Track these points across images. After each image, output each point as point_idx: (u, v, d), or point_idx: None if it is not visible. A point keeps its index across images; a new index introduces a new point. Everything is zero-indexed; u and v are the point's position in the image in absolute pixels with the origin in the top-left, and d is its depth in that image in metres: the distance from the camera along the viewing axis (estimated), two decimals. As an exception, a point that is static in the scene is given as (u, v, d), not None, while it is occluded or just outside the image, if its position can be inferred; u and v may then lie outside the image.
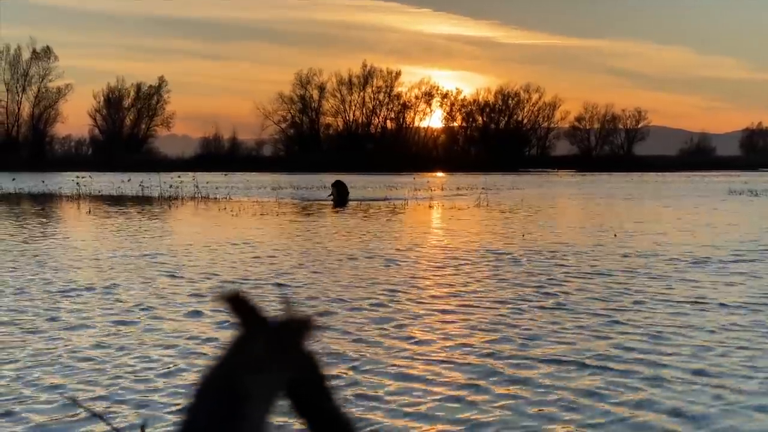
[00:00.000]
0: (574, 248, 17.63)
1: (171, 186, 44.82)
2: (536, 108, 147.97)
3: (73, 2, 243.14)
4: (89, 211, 30.81)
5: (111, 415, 6.17)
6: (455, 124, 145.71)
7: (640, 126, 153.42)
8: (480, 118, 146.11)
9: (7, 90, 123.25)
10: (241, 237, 20.39)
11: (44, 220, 26.55)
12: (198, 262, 15.31)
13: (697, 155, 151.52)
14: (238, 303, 0.90)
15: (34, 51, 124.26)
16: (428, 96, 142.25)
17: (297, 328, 0.93)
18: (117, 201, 38.10)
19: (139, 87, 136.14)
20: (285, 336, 0.92)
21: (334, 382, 0.99)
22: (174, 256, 16.26)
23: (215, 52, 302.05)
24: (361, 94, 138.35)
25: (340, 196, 34.46)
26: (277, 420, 0.93)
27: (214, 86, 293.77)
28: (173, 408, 6.45)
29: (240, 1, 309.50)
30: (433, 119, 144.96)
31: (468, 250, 17.59)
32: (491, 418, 6.31)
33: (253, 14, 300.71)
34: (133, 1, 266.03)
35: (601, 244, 18.43)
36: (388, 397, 6.79)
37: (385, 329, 9.38)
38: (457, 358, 8.06)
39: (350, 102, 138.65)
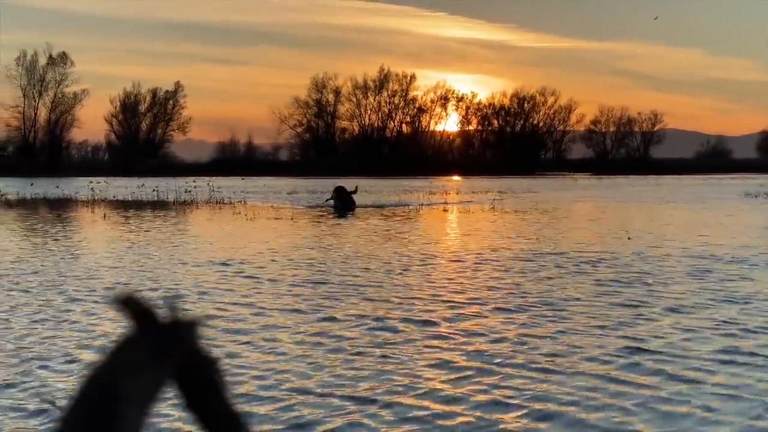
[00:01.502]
0: (598, 252, 17.59)
1: (186, 191, 44.94)
2: (552, 111, 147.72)
3: (89, 8, 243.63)
4: (104, 216, 30.91)
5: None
6: (471, 127, 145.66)
7: (655, 129, 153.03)
8: (495, 122, 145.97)
9: (24, 95, 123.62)
10: (252, 245, 20.41)
11: (59, 225, 26.63)
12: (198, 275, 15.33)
13: (713, 158, 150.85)
14: (130, 305, 0.89)
15: (50, 56, 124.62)
16: (444, 100, 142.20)
17: (181, 329, 0.92)
18: (132, 206, 38.19)
19: (155, 92, 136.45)
20: (168, 337, 0.91)
21: (226, 380, 1.00)
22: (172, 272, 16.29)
23: (231, 57, 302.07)
24: (377, 98, 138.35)
25: (342, 203, 34.07)
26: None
27: (230, 91, 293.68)
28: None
29: (256, 6, 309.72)
30: (449, 123, 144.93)
31: (477, 252, 17.58)
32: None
33: (269, 19, 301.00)
34: (149, 7, 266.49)
35: (616, 249, 18.37)
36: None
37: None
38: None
39: (366, 106, 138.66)
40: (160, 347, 0.90)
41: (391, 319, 10.19)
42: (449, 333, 9.45)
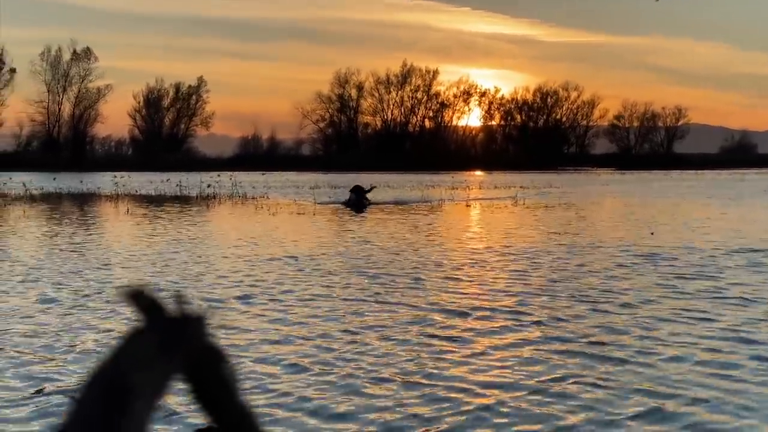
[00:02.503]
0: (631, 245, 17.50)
1: (209, 185, 45.08)
2: (575, 106, 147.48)
3: (113, 3, 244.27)
4: (127, 211, 31.01)
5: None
6: (494, 122, 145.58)
7: (680, 124, 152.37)
8: (518, 117, 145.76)
9: (48, 91, 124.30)
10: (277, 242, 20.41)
11: (82, 219, 26.72)
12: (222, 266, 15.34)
13: (738, 153, 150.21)
14: (140, 299, 0.89)
15: (74, 52, 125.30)
16: (467, 95, 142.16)
17: (190, 323, 0.92)
18: (155, 201, 38.31)
19: (178, 87, 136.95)
20: (177, 332, 0.91)
21: (237, 376, 0.98)
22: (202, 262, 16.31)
23: (254, 52, 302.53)
24: (400, 93, 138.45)
25: (356, 200, 33.82)
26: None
27: (253, 86, 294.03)
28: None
29: (279, 1, 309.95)
30: (472, 118, 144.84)
31: (499, 249, 17.51)
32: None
33: (291, 14, 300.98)
34: (173, 2, 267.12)
35: (637, 242, 18.26)
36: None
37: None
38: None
39: (388, 101, 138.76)
40: (169, 341, 0.90)
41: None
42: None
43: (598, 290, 11.94)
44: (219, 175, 57.67)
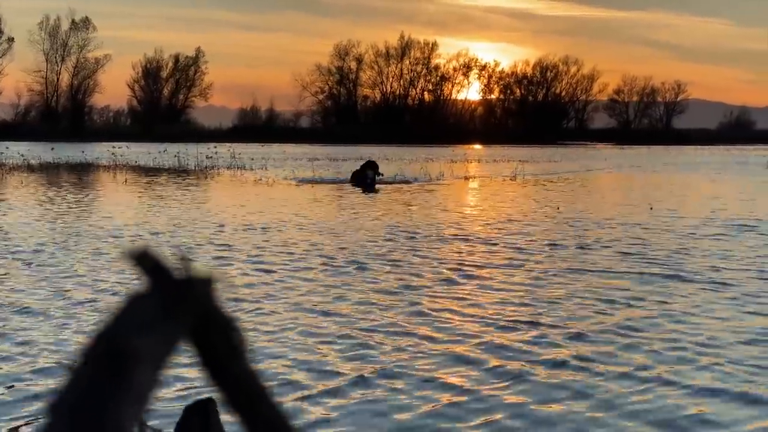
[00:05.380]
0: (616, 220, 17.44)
1: (207, 157, 44.95)
2: (574, 80, 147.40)
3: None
4: (125, 181, 30.95)
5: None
6: (493, 96, 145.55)
7: (679, 99, 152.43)
8: (518, 91, 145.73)
9: (47, 60, 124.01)
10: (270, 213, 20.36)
11: (80, 188, 26.63)
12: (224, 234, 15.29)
13: (736, 129, 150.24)
14: (143, 260, 0.85)
15: (73, 21, 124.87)
16: (466, 68, 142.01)
17: (196, 285, 0.88)
18: (153, 171, 38.20)
19: (177, 58, 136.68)
20: (182, 294, 0.86)
21: (246, 343, 0.94)
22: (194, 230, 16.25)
23: (253, 23, 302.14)
24: (399, 65, 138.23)
25: (373, 179, 30.09)
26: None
27: (252, 57, 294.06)
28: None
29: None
30: (471, 91, 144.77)
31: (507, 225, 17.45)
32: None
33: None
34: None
35: (641, 220, 18.20)
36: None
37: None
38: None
39: (388, 74, 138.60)
40: (174, 303, 0.86)
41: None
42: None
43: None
44: (216, 147, 57.47)
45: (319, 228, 16.18)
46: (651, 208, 20.49)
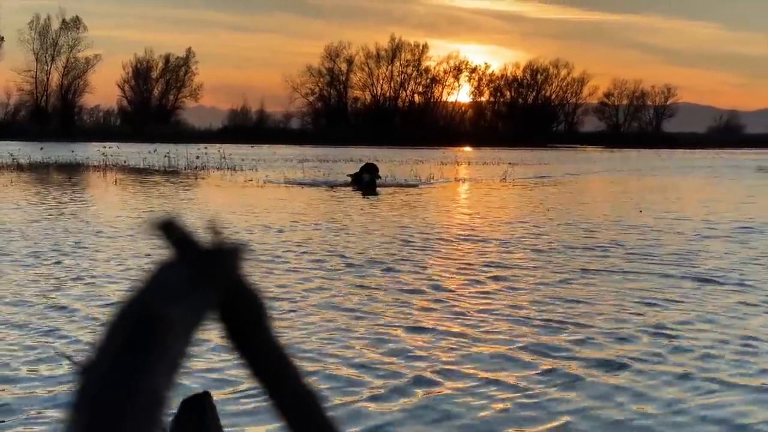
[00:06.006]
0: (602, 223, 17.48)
1: (197, 157, 44.87)
2: (564, 83, 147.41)
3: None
4: (116, 182, 30.88)
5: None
6: (483, 98, 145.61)
7: (668, 103, 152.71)
8: (508, 93, 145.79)
9: (37, 60, 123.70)
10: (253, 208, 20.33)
11: (70, 189, 26.56)
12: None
13: (726, 133, 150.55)
14: (169, 229, 0.84)
15: (63, 21, 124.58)
16: (456, 70, 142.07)
17: (225, 255, 0.87)
18: (143, 172, 38.11)
19: (167, 58, 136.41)
20: (213, 261, 0.86)
21: (273, 316, 0.93)
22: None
23: (244, 24, 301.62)
24: (389, 67, 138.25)
25: (372, 182, 30.16)
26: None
27: (243, 58, 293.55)
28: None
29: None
30: (461, 94, 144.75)
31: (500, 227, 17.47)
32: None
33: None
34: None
35: (627, 221, 18.24)
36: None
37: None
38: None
39: (378, 75, 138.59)
40: (201, 274, 0.85)
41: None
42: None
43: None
44: (206, 148, 57.40)
45: (331, 229, 16.23)
46: (641, 211, 20.57)
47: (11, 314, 8.39)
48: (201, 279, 0.85)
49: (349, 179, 30.43)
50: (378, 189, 28.21)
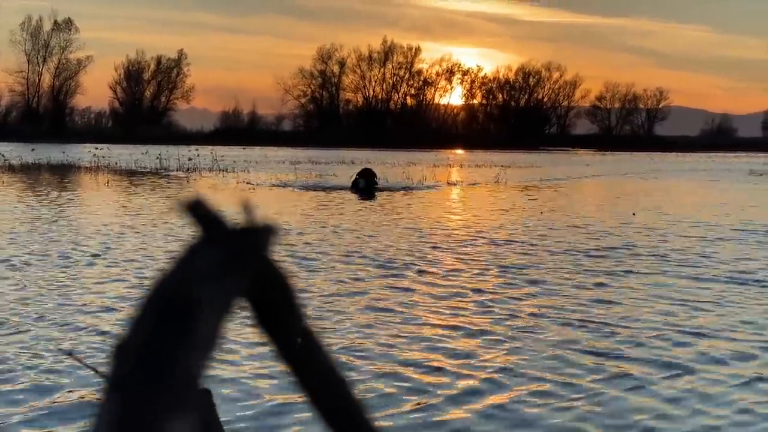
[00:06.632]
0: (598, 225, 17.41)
1: (189, 159, 44.78)
2: (557, 86, 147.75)
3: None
4: (107, 183, 30.74)
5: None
6: (475, 101, 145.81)
7: (661, 106, 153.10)
8: (500, 96, 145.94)
9: (28, 61, 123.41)
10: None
11: (61, 190, 26.42)
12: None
13: (718, 136, 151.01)
14: (198, 209, 0.83)
15: (55, 22, 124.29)
16: (449, 73, 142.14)
17: (257, 235, 0.86)
18: (134, 173, 37.98)
19: (159, 60, 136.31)
20: (244, 243, 0.85)
21: (301, 299, 0.92)
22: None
23: (236, 26, 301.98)
24: (382, 70, 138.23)
25: (369, 187, 29.97)
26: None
27: (235, 60, 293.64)
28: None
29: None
30: (453, 96, 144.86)
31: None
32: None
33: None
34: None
35: (623, 223, 18.17)
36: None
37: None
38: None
39: (370, 78, 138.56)
40: (232, 255, 0.83)
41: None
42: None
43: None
44: (198, 150, 57.30)
45: (346, 232, 16.08)
46: (634, 214, 20.48)
47: None
48: (233, 260, 0.84)
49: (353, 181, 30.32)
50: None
